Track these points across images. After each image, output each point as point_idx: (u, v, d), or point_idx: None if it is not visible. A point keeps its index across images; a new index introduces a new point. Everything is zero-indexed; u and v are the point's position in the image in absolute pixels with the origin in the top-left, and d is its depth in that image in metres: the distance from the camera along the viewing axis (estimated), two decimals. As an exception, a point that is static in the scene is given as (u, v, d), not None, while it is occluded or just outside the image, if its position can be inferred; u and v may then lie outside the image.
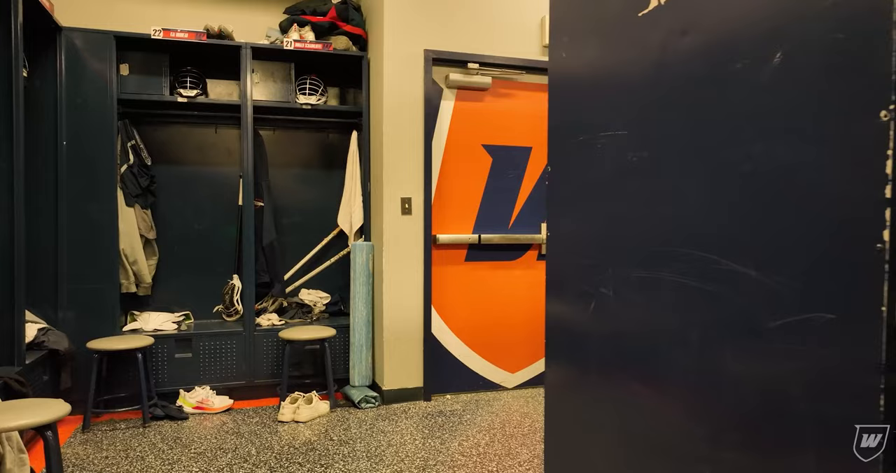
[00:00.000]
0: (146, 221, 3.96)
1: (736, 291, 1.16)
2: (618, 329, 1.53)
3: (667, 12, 1.36)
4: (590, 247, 1.65)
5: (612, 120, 1.55)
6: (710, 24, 1.25)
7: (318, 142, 4.54)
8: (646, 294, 1.42)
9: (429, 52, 3.82)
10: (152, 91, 3.86)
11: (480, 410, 3.69)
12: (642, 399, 1.45)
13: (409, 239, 3.83)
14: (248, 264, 3.91)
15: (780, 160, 1.06)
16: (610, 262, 1.56)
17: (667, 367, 1.36)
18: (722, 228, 1.19)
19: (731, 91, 1.18)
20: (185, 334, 3.80)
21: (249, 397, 3.89)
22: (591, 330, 1.65)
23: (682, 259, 1.30)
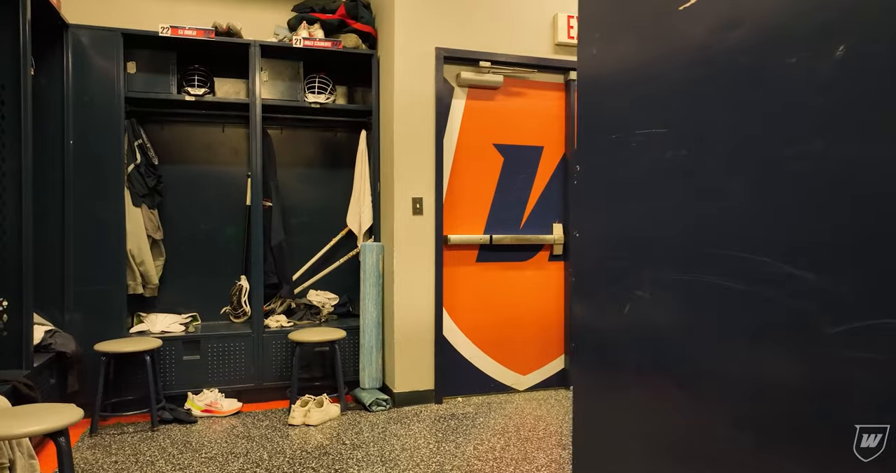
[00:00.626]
0: (153, 221, 3.91)
1: (790, 294, 1.11)
2: (655, 332, 1.48)
3: (711, 6, 1.32)
4: (623, 249, 1.60)
5: (649, 117, 1.50)
6: (759, 17, 1.20)
7: (327, 141, 4.48)
8: (686, 296, 1.37)
9: (440, 49, 3.78)
10: (160, 89, 3.81)
11: (493, 413, 3.64)
12: (682, 406, 1.40)
13: (420, 240, 3.78)
14: (257, 265, 3.85)
15: (842, 158, 1.01)
16: (645, 264, 1.51)
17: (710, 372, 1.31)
18: (773, 229, 1.15)
19: (785, 86, 1.13)
20: (193, 336, 3.75)
21: (258, 400, 3.84)
22: (626, 333, 1.60)
23: (727, 260, 1.25)
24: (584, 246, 1.81)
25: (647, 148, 1.51)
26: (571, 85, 4.07)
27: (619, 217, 1.62)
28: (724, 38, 1.29)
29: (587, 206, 1.80)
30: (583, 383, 1.86)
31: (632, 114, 1.58)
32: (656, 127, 1.49)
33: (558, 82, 4.12)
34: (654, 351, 1.49)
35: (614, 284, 1.64)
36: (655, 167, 1.47)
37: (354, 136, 4.36)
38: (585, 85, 1.82)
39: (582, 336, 1.84)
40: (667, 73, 1.45)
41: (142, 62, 3.78)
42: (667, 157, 1.44)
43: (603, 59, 1.73)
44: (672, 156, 1.43)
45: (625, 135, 1.60)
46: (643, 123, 1.53)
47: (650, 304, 1.50)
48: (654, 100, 1.49)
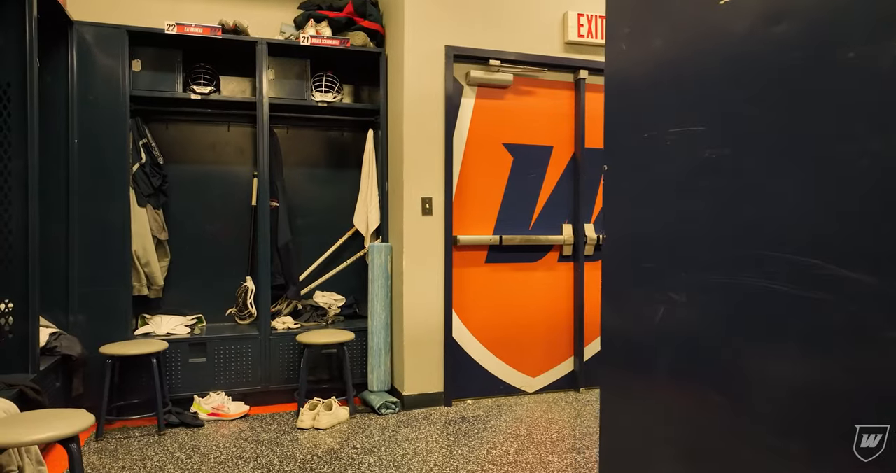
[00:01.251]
0: (158, 222, 3.85)
1: (846, 298, 1.07)
2: (693, 337, 1.44)
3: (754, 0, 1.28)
4: (657, 250, 1.56)
5: (685, 115, 1.46)
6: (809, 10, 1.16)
7: (333, 140, 4.43)
8: (729, 299, 1.33)
9: (450, 48, 3.73)
10: (165, 88, 3.75)
11: (503, 416, 3.59)
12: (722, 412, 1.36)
13: (429, 241, 3.74)
14: (264, 266, 3.80)
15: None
16: (682, 266, 1.47)
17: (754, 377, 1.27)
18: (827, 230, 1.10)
19: (841, 82, 1.08)
20: (200, 338, 3.69)
21: (265, 402, 3.78)
22: (660, 337, 1.56)
23: (773, 263, 1.21)
24: (614, 247, 1.76)
25: (684, 146, 1.47)
26: (581, 84, 4.03)
27: (652, 217, 1.58)
28: (769, 33, 1.25)
29: (617, 207, 1.75)
30: (611, 386, 1.81)
31: (666, 111, 1.54)
32: (693, 125, 1.45)
33: (568, 81, 4.08)
34: (691, 355, 1.45)
35: (647, 286, 1.60)
36: (693, 166, 1.43)
37: (361, 136, 4.31)
38: (614, 82, 1.78)
39: (610, 338, 1.79)
40: (705, 70, 1.41)
41: (147, 60, 3.72)
42: (705, 156, 1.40)
43: (633, 56, 1.68)
44: (711, 155, 1.38)
45: (658, 134, 1.56)
46: (678, 121, 1.49)
47: (687, 307, 1.46)
48: (691, 97, 1.45)
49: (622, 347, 1.73)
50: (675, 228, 1.49)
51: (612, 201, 1.77)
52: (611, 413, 1.81)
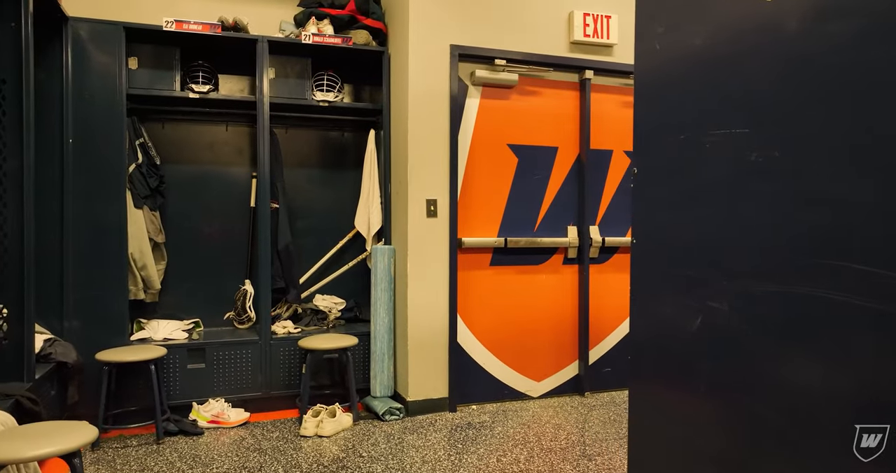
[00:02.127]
0: (155, 224, 3.75)
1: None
2: (736, 348, 1.38)
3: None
4: (695, 257, 1.50)
5: (728, 116, 1.41)
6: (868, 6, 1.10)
7: (333, 141, 4.35)
8: (777, 310, 1.28)
9: (455, 47, 3.66)
10: (162, 86, 3.65)
11: (510, 421, 3.53)
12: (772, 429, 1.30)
13: (433, 243, 3.67)
14: (264, 269, 3.71)
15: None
16: (724, 274, 1.41)
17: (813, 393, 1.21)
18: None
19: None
20: (198, 343, 3.59)
21: (266, 409, 3.69)
22: (697, 347, 1.50)
23: (836, 273, 1.15)
24: (645, 253, 1.70)
25: (727, 149, 1.41)
26: (586, 84, 3.98)
27: (690, 223, 1.52)
28: (824, 30, 1.20)
29: (649, 211, 1.70)
30: (640, 394, 1.75)
31: (705, 113, 1.48)
32: (736, 126, 1.39)
33: (573, 81, 4.03)
34: (733, 366, 1.39)
35: (684, 294, 1.54)
36: (738, 169, 1.37)
37: (362, 136, 4.23)
38: (645, 82, 1.72)
39: (640, 346, 1.74)
40: (750, 70, 1.35)
41: (144, 57, 3.62)
42: (752, 159, 1.34)
43: (668, 55, 1.62)
44: (758, 158, 1.33)
45: (697, 136, 1.50)
46: (720, 123, 1.43)
47: (729, 317, 1.40)
48: (734, 98, 1.39)
49: (653, 355, 1.67)
50: (717, 235, 1.43)
51: (644, 205, 1.71)
52: (640, 422, 1.75)
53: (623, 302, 4.20)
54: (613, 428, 3.40)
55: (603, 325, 4.14)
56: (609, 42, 3.97)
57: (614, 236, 4.13)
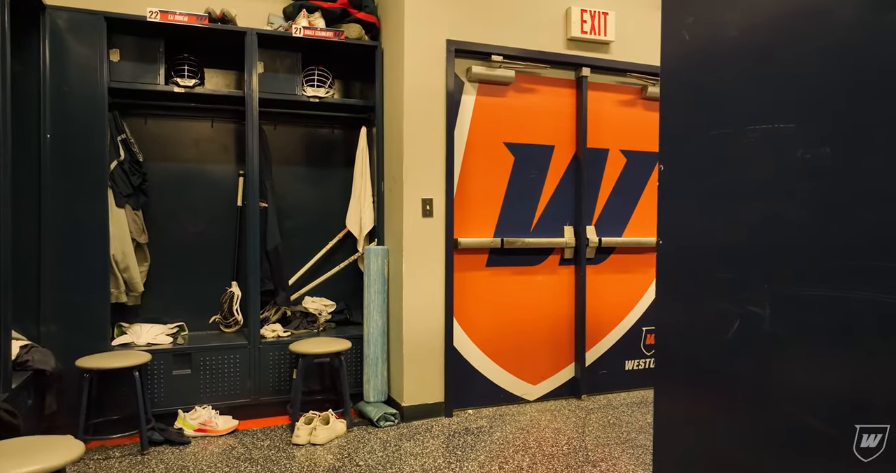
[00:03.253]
0: (138, 223, 3.59)
1: None
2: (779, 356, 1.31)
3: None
4: (732, 259, 1.42)
5: (770, 111, 1.33)
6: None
7: (324, 138, 4.22)
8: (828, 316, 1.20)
9: (451, 42, 3.57)
10: (146, 80, 3.48)
11: (508, 426, 3.45)
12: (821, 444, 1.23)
13: (429, 244, 3.56)
14: (253, 270, 3.57)
15: None
16: (766, 277, 1.33)
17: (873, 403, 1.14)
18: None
19: None
20: (184, 348, 3.44)
21: (255, 416, 3.55)
22: (734, 353, 1.43)
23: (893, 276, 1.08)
24: (673, 254, 1.63)
25: (769, 145, 1.33)
26: (583, 81, 3.91)
27: (726, 223, 1.44)
28: (879, 20, 1.13)
29: (678, 211, 1.62)
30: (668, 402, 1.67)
31: (743, 107, 1.40)
32: (780, 121, 1.31)
33: (569, 79, 3.96)
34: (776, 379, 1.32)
35: (718, 298, 1.46)
36: (783, 167, 1.30)
37: (353, 133, 4.12)
38: (673, 75, 1.64)
39: (668, 351, 1.66)
40: (796, 61, 1.28)
41: (126, 50, 3.46)
42: (799, 156, 1.27)
43: (698, 46, 1.55)
44: (806, 155, 1.25)
45: (733, 132, 1.43)
46: (761, 118, 1.36)
47: (771, 323, 1.33)
48: (778, 91, 1.32)
49: (682, 360, 1.60)
50: (758, 236, 1.36)
51: (672, 205, 1.63)
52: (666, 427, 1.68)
53: (620, 303, 4.15)
54: (614, 433, 3.33)
55: (599, 327, 4.07)
56: (606, 39, 3.91)
57: (610, 236, 4.07)
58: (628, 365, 4.18)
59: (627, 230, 4.16)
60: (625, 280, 4.15)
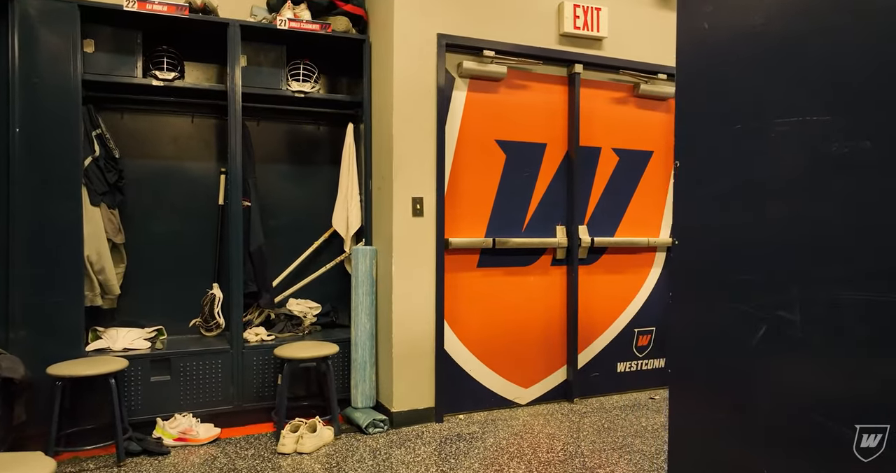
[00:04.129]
0: (114, 223, 3.42)
1: None
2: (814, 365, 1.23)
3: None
4: (759, 261, 1.34)
5: (802, 102, 1.25)
6: None
7: (309, 135, 4.09)
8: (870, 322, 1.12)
9: (442, 36, 3.46)
10: (122, 72, 3.32)
11: (500, 432, 3.35)
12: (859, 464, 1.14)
13: (419, 244, 3.46)
14: (235, 271, 3.43)
15: None
16: (797, 280, 1.25)
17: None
18: None
19: None
20: (163, 354, 3.29)
21: (238, 423, 3.41)
22: (759, 361, 1.34)
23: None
24: (690, 256, 1.54)
25: (800, 139, 1.25)
26: (576, 78, 3.83)
27: (751, 222, 1.36)
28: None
29: (693, 210, 1.53)
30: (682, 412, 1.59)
31: (771, 99, 1.32)
32: (813, 114, 1.23)
33: (561, 75, 3.88)
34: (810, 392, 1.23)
35: (742, 301, 1.38)
36: (816, 162, 1.22)
37: (340, 130, 3.99)
38: (691, 66, 1.55)
39: (681, 358, 1.57)
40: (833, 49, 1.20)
41: (101, 40, 3.29)
42: (834, 151, 1.19)
43: (719, 36, 1.46)
44: (843, 150, 1.17)
45: (759, 125, 1.34)
46: (790, 110, 1.27)
47: (802, 327, 1.25)
48: (810, 81, 1.24)
49: (700, 367, 1.51)
50: (787, 236, 1.27)
51: (689, 204, 1.54)
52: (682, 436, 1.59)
53: (612, 304, 4.08)
54: (609, 437, 3.25)
55: (591, 328, 4.00)
56: (599, 35, 3.83)
57: (603, 236, 4.00)
58: (620, 367, 4.11)
59: (619, 230, 4.09)
60: (617, 280, 4.08)
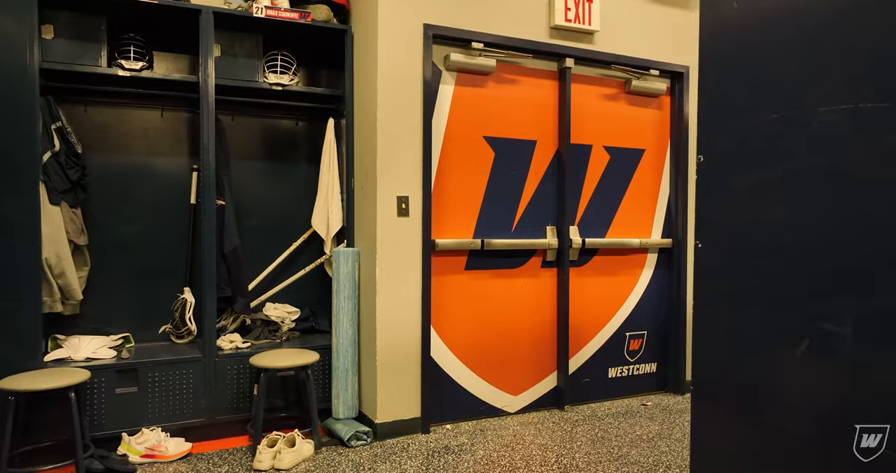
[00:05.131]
0: (76, 223, 3.19)
1: None
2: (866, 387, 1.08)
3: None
4: (801, 266, 1.19)
5: (853, 88, 1.10)
6: None
7: (287, 130, 3.88)
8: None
9: (429, 26, 3.29)
10: (85, 61, 3.09)
11: (490, 443, 3.19)
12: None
13: (405, 245, 3.28)
14: (208, 274, 3.22)
15: None
16: (849, 287, 1.11)
17: None
18: None
19: None
20: (129, 363, 3.06)
21: (211, 437, 3.20)
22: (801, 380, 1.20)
23: None
24: (716, 260, 1.39)
25: (849, 129, 1.11)
26: (566, 73, 3.69)
27: (792, 223, 1.21)
28: None
29: (720, 208, 1.38)
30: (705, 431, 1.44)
31: (813, 85, 1.17)
32: (867, 100, 1.09)
33: (552, 70, 3.73)
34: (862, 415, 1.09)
35: (781, 313, 1.23)
36: (869, 154, 1.07)
37: (320, 125, 3.79)
38: (715, 50, 1.40)
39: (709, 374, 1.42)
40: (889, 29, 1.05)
41: (62, 26, 3.06)
42: (892, 141, 1.04)
43: (752, 16, 1.31)
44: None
45: (798, 114, 1.19)
46: (838, 97, 1.13)
47: (854, 342, 1.10)
48: (862, 65, 1.09)
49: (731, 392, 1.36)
50: (836, 237, 1.13)
51: (714, 202, 1.39)
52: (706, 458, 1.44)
53: (603, 307, 3.95)
54: (605, 448, 3.11)
55: (582, 333, 3.86)
56: (591, 29, 3.69)
57: (594, 237, 3.86)
58: (611, 373, 3.98)
59: (611, 230, 3.96)
60: (608, 283, 3.95)
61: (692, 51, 4.13)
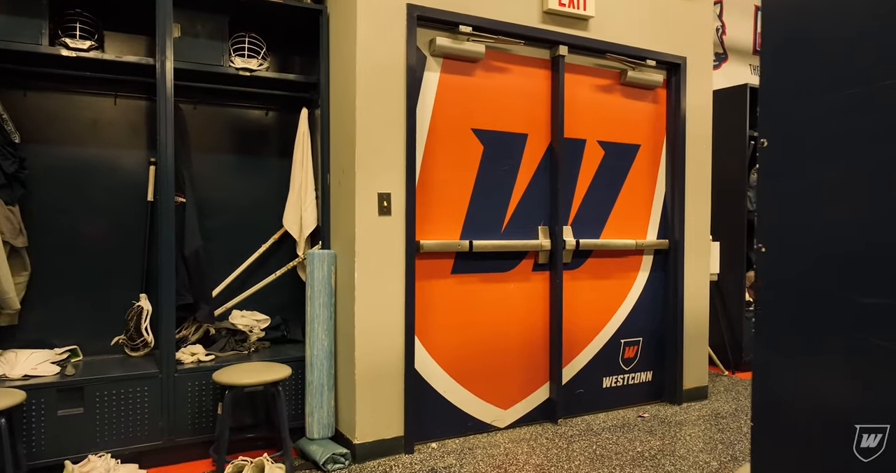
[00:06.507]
0: (13, 222, 2.82)
1: None
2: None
3: None
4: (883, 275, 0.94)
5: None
6: None
7: (256, 120, 3.55)
8: None
9: (412, 7, 3.00)
10: (23, 39, 2.73)
11: (481, 463, 2.91)
12: None
13: (387, 247, 2.98)
14: (167, 279, 2.88)
15: None
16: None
17: None
18: None
19: None
20: (74, 381, 2.70)
21: (168, 462, 2.86)
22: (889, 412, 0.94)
23: None
24: (785, 268, 1.13)
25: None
26: (560, 61, 3.43)
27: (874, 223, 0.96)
28: None
29: (788, 205, 1.12)
30: None
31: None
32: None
33: (544, 58, 3.47)
34: None
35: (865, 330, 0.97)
36: None
37: (292, 116, 3.47)
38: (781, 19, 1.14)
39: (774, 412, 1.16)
40: None
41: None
42: None
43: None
44: None
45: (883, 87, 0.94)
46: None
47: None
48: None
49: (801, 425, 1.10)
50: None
51: (782, 198, 1.13)
52: None
53: (597, 313, 3.70)
54: (605, 468, 2.86)
55: (576, 340, 3.61)
56: (585, 14, 3.44)
57: (588, 238, 3.61)
58: (606, 382, 3.74)
59: (605, 230, 3.71)
60: (603, 286, 3.71)
61: (690, 41, 3.92)
